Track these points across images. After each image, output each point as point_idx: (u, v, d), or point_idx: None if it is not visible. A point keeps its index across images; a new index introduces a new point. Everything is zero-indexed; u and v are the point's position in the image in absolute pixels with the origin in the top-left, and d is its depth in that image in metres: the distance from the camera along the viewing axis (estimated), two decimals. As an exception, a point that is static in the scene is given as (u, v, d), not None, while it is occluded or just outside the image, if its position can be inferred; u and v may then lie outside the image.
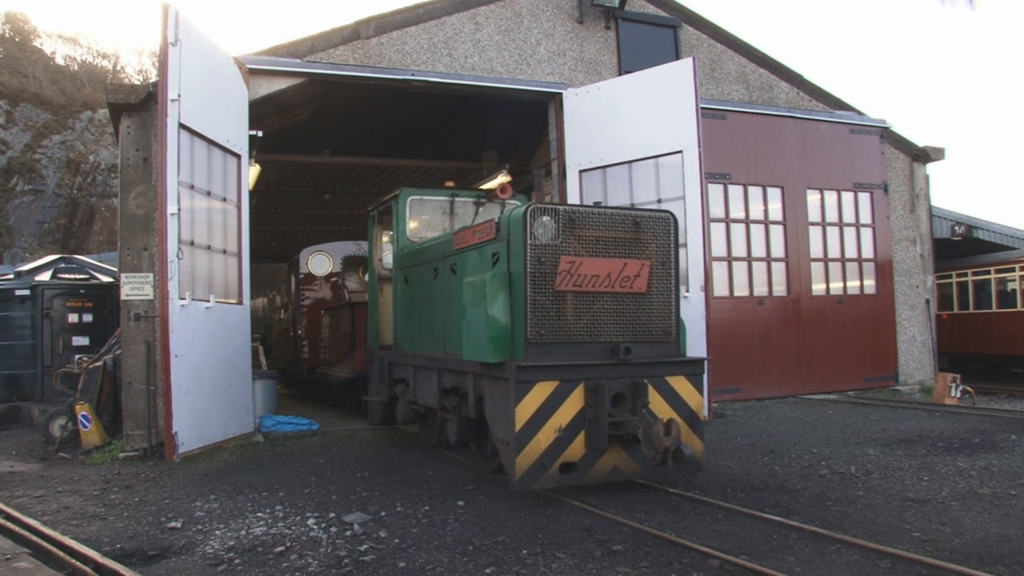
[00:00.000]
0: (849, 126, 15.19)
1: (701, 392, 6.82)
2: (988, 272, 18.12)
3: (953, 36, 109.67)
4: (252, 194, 12.06)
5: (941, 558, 4.90)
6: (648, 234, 6.63)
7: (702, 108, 11.41)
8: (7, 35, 41.44)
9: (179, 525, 6.10)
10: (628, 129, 11.67)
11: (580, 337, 6.38)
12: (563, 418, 6.18)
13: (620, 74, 13.04)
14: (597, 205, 6.66)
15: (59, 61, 43.01)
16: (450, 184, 10.08)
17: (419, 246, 9.02)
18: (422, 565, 5.01)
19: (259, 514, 6.38)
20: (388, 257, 10.23)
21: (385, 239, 10.48)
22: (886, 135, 15.55)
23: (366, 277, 15.84)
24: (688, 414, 6.63)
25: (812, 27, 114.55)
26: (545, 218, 6.24)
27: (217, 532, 5.88)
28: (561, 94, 12.49)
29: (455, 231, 7.82)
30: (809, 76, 15.07)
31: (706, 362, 7.18)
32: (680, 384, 6.66)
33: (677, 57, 13.30)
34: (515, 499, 6.66)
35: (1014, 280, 17.40)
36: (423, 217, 9.72)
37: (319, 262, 16.28)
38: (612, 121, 11.86)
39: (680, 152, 11.17)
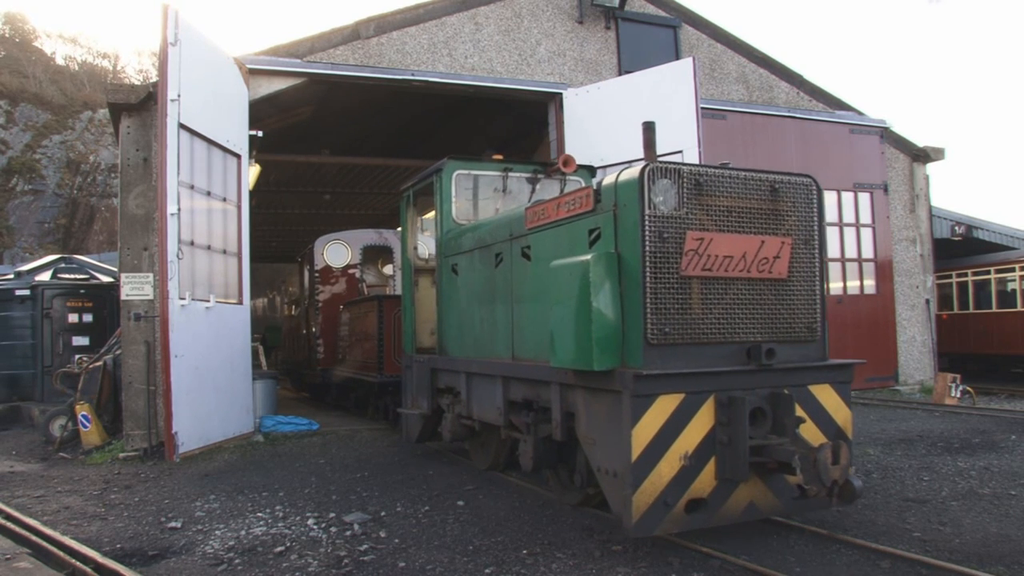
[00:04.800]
0: (849, 126, 15.20)
1: (849, 405, 5.53)
2: (988, 272, 18.11)
3: (953, 36, 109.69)
4: (252, 194, 12.07)
5: (941, 558, 4.90)
6: (787, 204, 5.29)
7: (702, 108, 11.40)
8: (7, 35, 41.48)
9: (179, 525, 6.10)
10: (628, 129, 11.60)
11: (709, 336, 5.04)
12: (690, 442, 4.84)
13: (620, 74, 13.04)
14: (725, 166, 5.35)
15: (59, 61, 43.14)
16: (498, 157, 8.68)
17: (473, 228, 7.48)
18: (422, 565, 5.01)
19: (259, 514, 6.38)
20: (423, 247, 9.14)
21: (427, 218, 9.05)
22: (886, 135, 15.56)
23: (384, 269, 15.41)
24: (836, 432, 5.34)
25: (812, 27, 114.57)
26: (665, 181, 4.93)
27: (217, 532, 5.89)
28: (561, 94, 12.49)
29: (527, 206, 6.49)
30: (809, 76, 15.12)
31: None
32: (825, 395, 5.36)
33: (677, 57, 13.30)
34: (515, 499, 6.65)
35: (1014, 280, 17.38)
36: (471, 196, 8.25)
37: (336, 252, 14.66)
38: (612, 121, 11.84)
39: (680, 152, 11.15)
